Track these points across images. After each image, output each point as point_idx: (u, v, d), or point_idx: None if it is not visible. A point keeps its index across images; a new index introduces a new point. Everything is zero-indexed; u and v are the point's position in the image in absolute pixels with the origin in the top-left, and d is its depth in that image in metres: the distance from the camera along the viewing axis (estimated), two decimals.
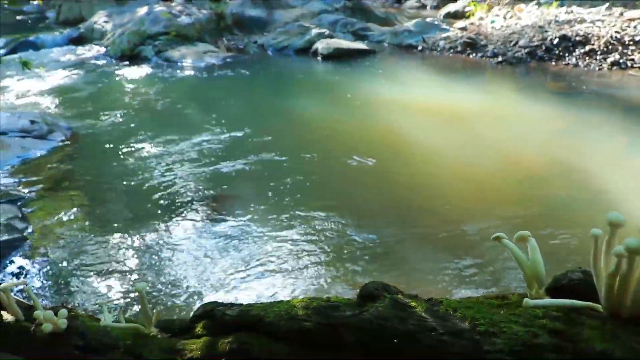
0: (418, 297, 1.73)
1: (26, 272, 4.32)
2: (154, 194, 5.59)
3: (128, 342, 1.89)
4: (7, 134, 6.88)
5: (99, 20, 14.51)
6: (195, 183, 5.80)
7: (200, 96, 9.29)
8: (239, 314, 1.75)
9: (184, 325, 1.94)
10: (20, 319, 2.08)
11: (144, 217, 5.18)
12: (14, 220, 4.87)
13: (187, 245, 4.69)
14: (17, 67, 9.12)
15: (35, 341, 2.01)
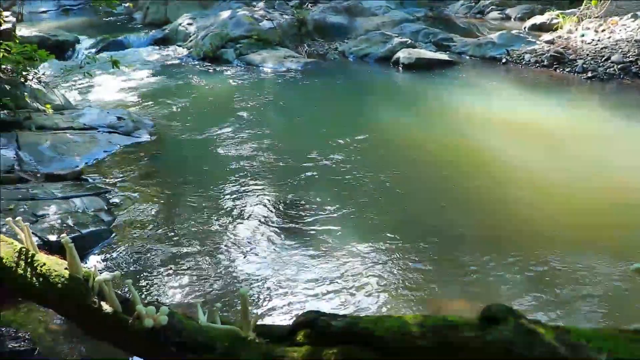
0: (543, 323, 1.58)
1: (110, 264, 4.39)
2: (233, 195, 5.61)
3: (226, 344, 1.82)
4: (97, 129, 7.09)
5: (183, 23, 14.87)
6: (272, 187, 5.78)
7: (279, 101, 9.32)
8: (346, 325, 1.65)
9: (284, 331, 1.86)
10: (118, 311, 2.05)
11: (224, 216, 5.19)
12: (100, 213, 4.97)
13: (264, 249, 4.66)
14: (107, 65, 9.41)
15: (132, 334, 1.97)
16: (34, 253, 2.39)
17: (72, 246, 2.20)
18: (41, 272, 2.29)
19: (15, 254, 2.39)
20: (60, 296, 2.20)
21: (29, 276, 2.29)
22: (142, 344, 1.95)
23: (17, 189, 5.17)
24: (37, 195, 5.06)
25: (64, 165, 6.07)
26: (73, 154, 6.36)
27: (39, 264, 2.32)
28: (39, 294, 2.28)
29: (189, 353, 1.84)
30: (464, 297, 4.11)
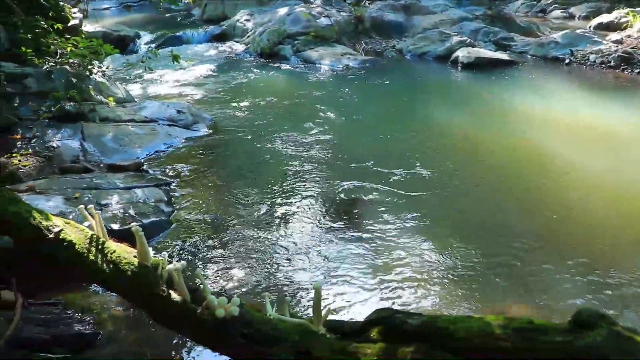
0: (638, 331, 1.49)
1: (170, 254, 4.45)
2: (289, 189, 5.63)
3: (296, 338, 1.80)
4: (157, 121, 7.22)
5: (240, 19, 15.02)
6: (327, 183, 5.76)
7: (336, 97, 9.28)
8: (423, 324, 1.60)
9: (355, 327, 1.82)
10: (187, 300, 2.06)
11: (280, 210, 5.21)
12: (160, 204, 5.05)
13: (320, 244, 4.65)
14: (166, 60, 9.57)
15: (200, 324, 1.97)
16: (104, 240, 2.43)
17: (142, 235, 2.22)
18: (111, 259, 2.32)
19: (86, 240, 2.44)
20: (130, 283, 2.23)
21: (100, 262, 2.33)
22: (210, 334, 1.95)
23: (81, 179, 5.31)
24: (100, 185, 5.18)
25: (125, 156, 6.20)
26: (134, 145, 6.49)
27: (109, 251, 2.36)
28: (109, 280, 2.31)
29: (258, 345, 1.83)
30: (524, 300, 3.99)
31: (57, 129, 6.53)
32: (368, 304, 3.84)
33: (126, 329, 3.62)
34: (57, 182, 5.13)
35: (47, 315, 3.62)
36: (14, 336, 3.24)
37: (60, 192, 4.79)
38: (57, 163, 5.72)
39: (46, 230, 2.51)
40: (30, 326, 3.42)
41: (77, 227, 2.56)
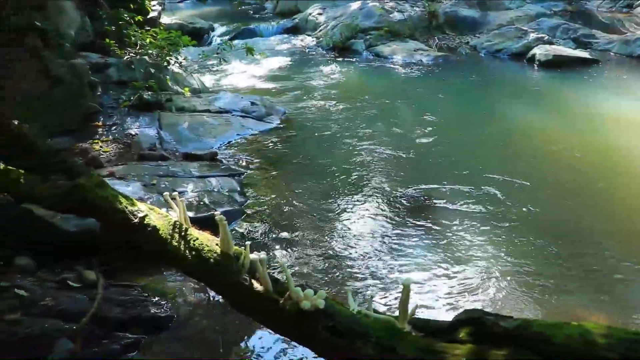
0: None
1: (243, 243, 4.51)
2: (360, 184, 5.63)
3: (381, 334, 1.78)
4: (231, 112, 7.34)
5: (313, 13, 15.08)
6: (397, 180, 5.70)
7: (408, 94, 9.17)
8: (517, 328, 1.55)
9: (442, 327, 1.79)
10: (270, 290, 2.07)
11: (352, 204, 5.20)
12: (233, 193, 5.13)
13: (392, 241, 4.61)
14: (239, 52, 9.71)
15: (282, 315, 1.98)
16: (187, 227, 2.48)
17: (226, 223, 2.25)
18: (194, 246, 2.37)
19: (169, 226, 2.49)
20: (212, 271, 2.27)
21: (183, 249, 2.38)
22: (292, 325, 1.96)
23: (158, 166, 5.46)
24: (176, 172, 5.32)
25: (200, 145, 6.34)
26: (209, 135, 6.62)
27: (192, 238, 2.40)
28: (191, 267, 2.36)
29: (341, 338, 1.82)
30: (604, 307, 3.83)
31: (135, 118, 6.75)
32: (441, 304, 3.79)
33: (199, 315, 3.70)
34: (136, 168, 5.29)
35: (125, 297, 3.75)
36: (96, 314, 3.38)
37: (139, 179, 4.94)
38: (136, 150, 5.90)
39: (131, 215, 2.57)
40: (110, 306, 3.56)
41: (160, 213, 2.62)
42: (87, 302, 3.53)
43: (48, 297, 3.51)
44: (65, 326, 3.25)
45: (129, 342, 3.36)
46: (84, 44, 8.18)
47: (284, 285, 2.11)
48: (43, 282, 3.76)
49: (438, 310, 3.73)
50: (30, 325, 3.17)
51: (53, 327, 3.22)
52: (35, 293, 3.58)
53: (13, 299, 3.44)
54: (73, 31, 7.96)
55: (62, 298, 3.53)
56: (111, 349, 3.29)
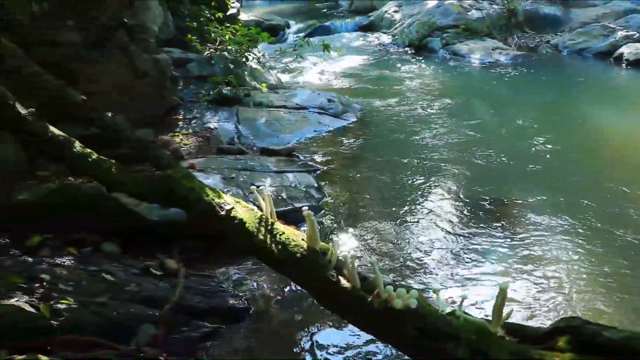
0: None
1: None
2: (436, 184, 5.55)
3: (473, 337, 1.74)
4: (308, 109, 7.40)
5: (389, 10, 14.98)
6: (472, 181, 5.60)
7: (486, 94, 8.96)
8: (626, 339, 1.47)
9: (538, 333, 1.73)
10: (358, 287, 2.07)
11: (424, 206, 5.13)
12: (310, 189, 5.16)
13: (466, 245, 4.51)
14: (315, 49, 9.76)
15: (369, 312, 1.97)
16: (273, 221, 2.51)
17: (314, 219, 2.26)
18: (280, 240, 2.40)
19: (256, 220, 2.53)
20: (298, 265, 2.28)
21: (269, 243, 2.41)
22: (380, 323, 1.95)
23: (237, 160, 5.56)
24: (254, 167, 5.40)
25: (277, 141, 6.42)
26: (285, 131, 6.70)
27: (278, 232, 2.43)
28: (277, 261, 2.39)
29: (431, 339, 1.80)
30: None
31: (214, 112, 6.91)
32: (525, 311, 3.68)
33: (275, 308, 3.74)
34: (215, 161, 5.41)
35: (204, 287, 3.84)
36: (177, 302, 3.47)
37: (218, 172, 5.05)
38: (215, 144, 6.04)
39: (218, 207, 2.63)
40: (190, 295, 3.65)
41: (246, 206, 2.67)
42: (168, 290, 3.64)
43: (133, 283, 3.63)
44: (148, 312, 3.36)
45: (208, 331, 3.43)
46: (167, 39, 8.45)
47: (372, 283, 2.10)
48: (127, 268, 3.89)
49: (522, 317, 3.62)
50: (117, 309, 3.29)
51: (137, 312, 3.33)
52: (121, 278, 3.71)
53: (101, 283, 3.58)
54: (157, 27, 8.23)
55: (145, 285, 3.65)
56: (190, 337, 3.37)
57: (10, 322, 2.97)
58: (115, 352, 2.93)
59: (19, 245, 3.97)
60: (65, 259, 3.85)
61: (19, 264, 3.59)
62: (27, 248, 3.96)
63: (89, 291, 3.44)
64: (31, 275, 3.46)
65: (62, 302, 3.22)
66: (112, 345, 3.01)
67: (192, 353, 3.27)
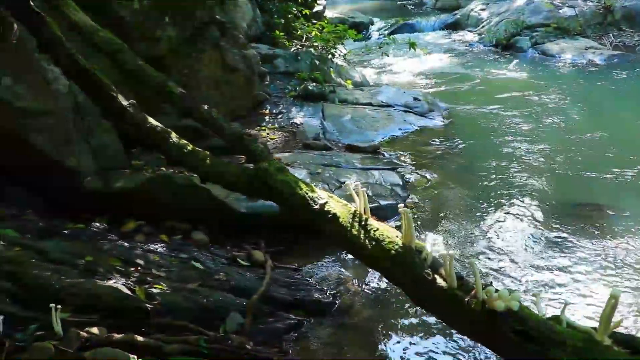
0: None
1: None
2: (522, 188, 5.35)
3: (578, 344, 1.67)
4: (393, 107, 7.35)
5: (475, 8, 14.65)
6: (564, 188, 5.36)
7: (577, 96, 8.56)
8: None
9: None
10: (453, 287, 2.04)
11: (512, 208, 4.97)
12: (396, 187, 5.13)
13: (557, 249, 4.34)
14: (399, 47, 9.69)
15: (466, 312, 1.94)
16: (367, 217, 2.50)
17: (410, 216, 2.24)
18: (374, 236, 2.39)
19: (349, 215, 2.54)
20: (393, 262, 2.27)
21: (363, 238, 2.41)
22: (477, 324, 1.91)
23: (322, 155, 5.60)
24: (339, 163, 5.42)
25: (361, 138, 6.41)
26: (370, 128, 6.68)
27: (373, 228, 2.43)
28: (371, 257, 2.38)
29: (532, 344, 1.74)
30: None
31: (300, 107, 6.98)
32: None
33: (361, 303, 3.74)
34: (301, 156, 5.47)
35: (290, 279, 3.89)
36: (264, 293, 3.54)
37: (305, 167, 5.10)
38: (301, 139, 6.11)
39: (312, 200, 2.65)
40: (276, 286, 3.71)
41: (340, 201, 2.68)
42: (255, 280, 3.72)
43: (221, 272, 3.74)
44: (236, 301, 3.44)
45: (293, 323, 3.47)
46: (255, 35, 8.61)
47: (468, 283, 2.06)
48: (215, 258, 4.01)
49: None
50: (207, 296, 3.39)
51: (226, 300, 3.42)
52: (209, 267, 3.83)
53: (191, 270, 3.71)
54: (246, 24, 8.42)
55: (233, 274, 3.74)
56: (276, 328, 3.42)
57: (108, 302, 3.11)
58: (204, 338, 3.01)
59: (116, 230, 4.18)
60: (158, 245, 4.02)
61: (116, 247, 3.77)
62: (122, 233, 4.17)
63: (180, 277, 3.57)
64: (127, 259, 3.64)
65: (156, 287, 3.36)
66: (201, 331, 3.09)
67: (277, 344, 3.31)
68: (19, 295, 3.01)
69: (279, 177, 2.84)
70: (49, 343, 2.70)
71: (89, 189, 4.29)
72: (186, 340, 2.96)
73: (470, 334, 2.08)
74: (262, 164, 2.93)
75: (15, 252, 3.26)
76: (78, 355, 2.71)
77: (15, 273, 3.06)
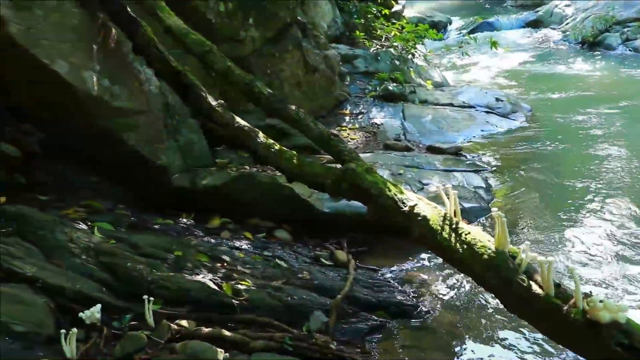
0: None
1: None
2: (615, 194, 5.11)
3: None
4: (474, 107, 7.21)
5: (559, 4, 14.17)
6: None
7: None
8: None
9: None
10: (551, 295, 1.97)
11: (602, 214, 4.76)
12: (479, 190, 5.03)
13: None
14: (478, 46, 9.48)
15: (566, 322, 1.87)
16: (457, 220, 2.46)
17: (505, 221, 2.19)
18: (465, 240, 2.35)
19: (439, 217, 2.51)
20: (485, 267, 2.22)
21: (454, 242, 2.37)
22: (576, 334, 1.85)
23: (403, 156, 5.56)
24: (421, 164, 5.37)
25: (442, 139, 6.33)
26: (451, 129, 6.59)
27: (464, 232, 2.39)
28: (462, 261, 2.34)
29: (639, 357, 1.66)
30: None
31: (380, 108, 6.96)
32: None
33: (443, 308, 3.69)
34: (382, 157, 5.45)
35: (372, 280, 3.89)
36: (347, 293, 3.55)
37: (386, 167, 5.08)
38: (381, 139, 6.09)
39: (401, 202, 2.64)
40: (358, 287, 3.71)
41: (429, 203, 2.65)
42: (338, 280, 3.73)
43: (305, 271, 3.78)
44: (319, 300, 3.47)
45: (375, 324, 3.47)
46: (334, 36, 8.65)
47: (566, 291, 1.99)
48: (299, 256, 4.06)
49: None
50: (291, 294, 3.43)
51: (309, 298, 3.45)
52: (293, 265, 3.87)
53: (275, 268, 3.77)
54: (325, 24, 8.48)
55: (316, 273, 3.77)
56: (358, 328, 3.43)
57: (196, 297, 3.21)
58: (289, 335, 3.05)
59: (201, 227, 4.30)
60: (242, 242, 4.10)
61: (202, 244, 3.88)
62: (208, 230, 4.28)
63: (264, 275, 3.63)
64: (214, 255, 3.73)
65: (242, 283, 3.43)
66: (286, 328, 3.13)
67: (359, 344, 3.31)
68: (113, 286, 3.14)
69: (367, 178, 2.84)
70: (142, 333, 2.81)
71: (177, 186, 4.43)
72: (271, 337, 3.00)
73: (567, 343, 2.00)
74: (350, 165, 2.94)
75: (110, 244, 3.41)
76: (168, 346, 2.81)
77: (111, 264, 3.20)
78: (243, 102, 5.18)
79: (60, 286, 2.89)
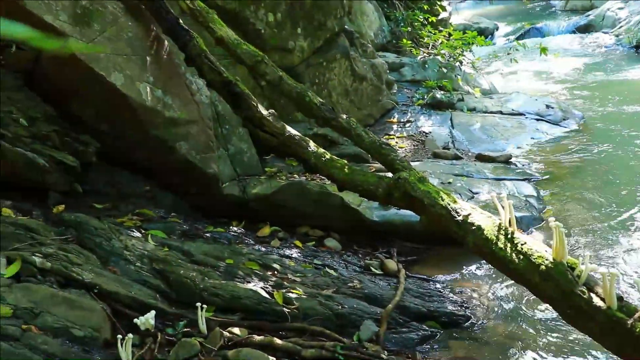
0: None
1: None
2: None
3: None
4: (524, 115, 7.08)
5: (612, 8, 13.81)
6: None
7: None
8: None
9: None
10: (614, 307, 1.92)
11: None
12: (530, 199, 4.93)
13: None
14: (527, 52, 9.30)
15: (631, 337, 1.83)
16: (513, 230, 2.43)
17: (563, 231, 2.15)
18: (521, 250, 2.31)
19: (494, 227, 2.48)
20: (542, 278, 2.18)
21: (509, 252, 2.34)
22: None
23: (452, 165, 5.51)
24: (470, 172, 5.31)
25: (491, 147, 6.24)
26: (501, 137, 6.49)
27: (520, 242, 2.35)
28: (518, 271, 2.31)
29: None
30: None
31: (428, 116, 6.91)
32: None
33: (496, 319, 3.63)
34: (431, 166, 5.41)
35: (423, 290, 3.86)
36: (398, 303, 3.53)
37: (436, 176, 5.04)
38: (430, 148, 6.05)
39: (454, 212, 2.62)
40: (409, 296, 3.69)
41: (483, 213, 2.62)
42: (388, 289, 3.72)
43: (355, 280, 3.78)
44: (370, 309, 3.46)
45: (426, 334, 3.44)
46: (381, 44, 8.66)
47: (630, 304, 1.94)
48: (348, 265, 4.07)
49: None
50: (342, 303, 3.43)
51: (360, 308, 3.44)
52: (343, 274, 3.88)
53: (325, 277, 3.78)
54: (372, 32, 8.49)
55: (366, 282, 3.77)
56: (409, 338, 3.40)
57: (248, 304, 3.24)
58: (340, 344, 3.05)
59: (252, 235, 4.35)
60: (292, 251, 4.14)
61: (253, 252, 3.92)
62: (258, 238, 4.33)
63: (314, 283, 3.65)
64: (264, 263, 3.77)
65: (293, 292, 3.45)
66: (337, 337, 3.14)
67: (410, 354, 3.29)
68: (166, 293, 3.20)
69: (420, 187, 2.83)
70: (195, 340, 2.86)
71: (227, 194, 4.50)
72: (323, 346, 3.01)
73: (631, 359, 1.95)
74: (402, 174, 2.94)
75: (164, 251, 3.48)
76: (221, 353, 2.85)
77: (164, 272, 3.26)
78: (291, 112, 5.25)
79: (116, 292, 2.96)
